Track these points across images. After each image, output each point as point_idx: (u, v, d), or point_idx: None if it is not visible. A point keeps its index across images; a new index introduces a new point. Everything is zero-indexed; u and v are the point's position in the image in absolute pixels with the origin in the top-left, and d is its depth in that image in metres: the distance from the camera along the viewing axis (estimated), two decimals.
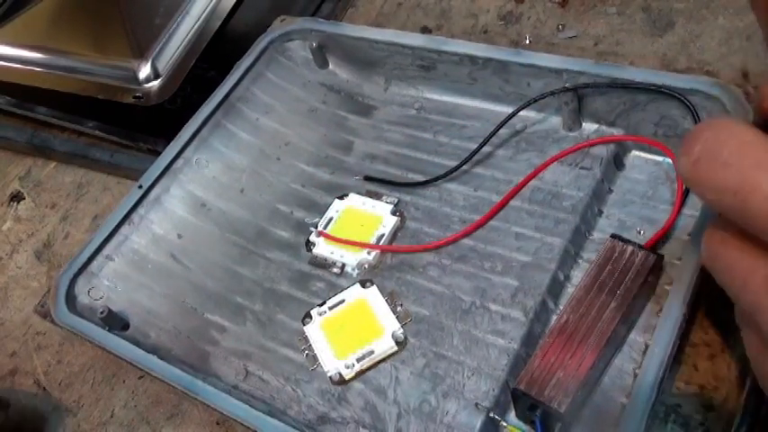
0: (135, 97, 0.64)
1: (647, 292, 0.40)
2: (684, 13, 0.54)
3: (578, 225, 0.45)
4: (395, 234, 0.49)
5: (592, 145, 0.47)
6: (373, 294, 0.46)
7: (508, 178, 0.49)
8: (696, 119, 0.43)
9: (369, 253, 0.48)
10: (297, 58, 0.61)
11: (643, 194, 0.45)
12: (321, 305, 0.47)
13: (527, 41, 0.58)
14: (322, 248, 0.49)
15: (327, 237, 0.50)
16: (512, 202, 0.47)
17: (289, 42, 0.61)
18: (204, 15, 0.67)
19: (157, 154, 0.55)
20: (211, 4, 0.68)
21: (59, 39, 0.71)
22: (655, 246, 0.42)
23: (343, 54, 0.59)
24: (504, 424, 0.39)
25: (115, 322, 0.48)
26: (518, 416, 0.39)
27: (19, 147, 0.68)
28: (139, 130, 0.62)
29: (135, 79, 0.64)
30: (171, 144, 0.55)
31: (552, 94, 0.48)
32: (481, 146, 0.49)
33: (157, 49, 0.65)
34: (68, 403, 0.49)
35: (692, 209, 0.43)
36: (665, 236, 0.42)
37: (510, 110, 0.49)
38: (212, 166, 0.56)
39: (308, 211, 0.53)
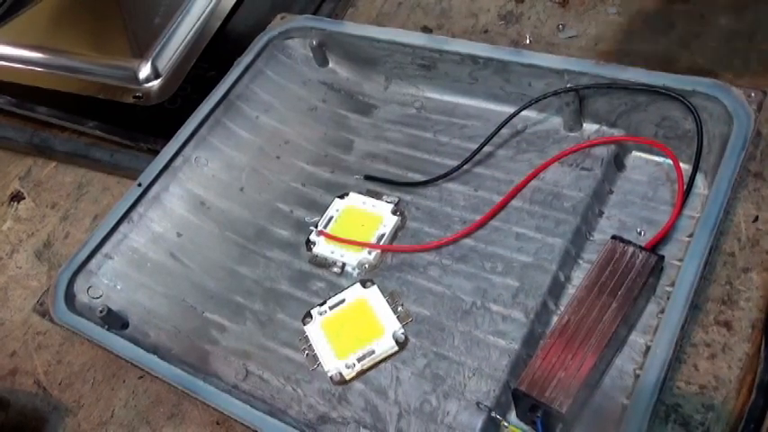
0: (135, 97, 0.64)
1: (647, 293, 0.40)
2: (684, 13, 0.54)
3: (579, 226, 0.45)
4: (395, 234, 0.49)
5: (592, 145, 0.47)
6: (374, 294, 0.46)
7: (509, 178, 0.49)
8: (697, 120, 0.43)
9: (369, 252, 0.48)
10: (297, 56, 0.61)
11: (644, 195, 0.45)
12: (321, 305, 0.46)
13: (527, 41, 0.58)
14: (322, 248, 0.49)
15: (328, 236, 0.50)
16: (512, 203, 0.47)
17: (288, 40, 0.60)
18: (204, 15, 0.67)
19: (157, 153, 0.55)
20: (211, 4, 0.68)
21: (60, 39, 0.71)
22: (655, 247, 0.42)
23: (344, 52, 0.59)
24: (506, 424, 0.39)
25: (114, 321, 0.48)
26: (519, 416, 0.38)
27: (19, 147, 0.68)
28: (139, 129, 0.62)
29: (135, 79, 0.64)
30: (170, 142, 0.55)
31: (554, 94, 0.48)
32: (482, 146, 0.49)
33: (157, 49, 0.65)
34: (68, 403, 0.49)
35: (693, 210, 0.43)
36: (665, 237, 0.42)
37: (511, 110, 0.49)
38: (212, 165, 0.56)
39: (309, 210, 0.53)
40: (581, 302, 0.38)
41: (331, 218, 0.51)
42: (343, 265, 0.48)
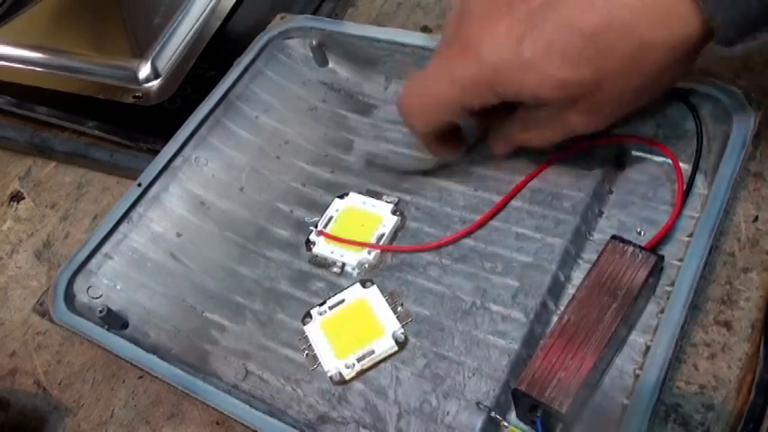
0: (135, 97, 0.64)
1: (647, 293, 0.40)
2: None
3: (579, 226, 0.45)
4: (395, 234, 0.49)
5: (592, 145, 0.47)
6: (374, 294, 0.46)
7: (509, 178, 0.48)
8: (697, 120, 0.43)
9: (369, 252, 0.48)
10: (296, 56, 0.61)
11: (643, 195, 0.45)
12: (321, 305, 0.47)
13: None
14: (322, 248, 0.49)
15: (327, 236, 0.49)
16: (512, 203, 0.47)
17: (288, 40, 0.61)
18: (204, 15, 0.68)
19: (157, 153, 0.55)
20: (211, 4, 0.68)
21: (59, 39, 0.72)
22: (655, 247, 0.42)
23: (344, 52, 0.59)
24: (506, 424, 0.39)
25: (114, 321, 0.48)
26: (519, 416, 0.39)
27: (19, 147, 0.68)
28: (139, 129, 0.62)
29: (135, 79, 0.65)
30: (170, 142, 0.55)
31: None
32: (477, 141, 0.49)
33: (157, 49, 0.65)
34: (68, 403, 0.49)
35: (693, 210, 0.43)
36: (665, 237, 0.42)
37: None
38: (211, 165, 0.56)
39: (308, 210, 0.53)
40: (581, 302, 0.38)
41: (331, 218, 0.51)
42: (343, 265, 0.48)
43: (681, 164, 0.44)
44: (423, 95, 0.43)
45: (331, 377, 0.43)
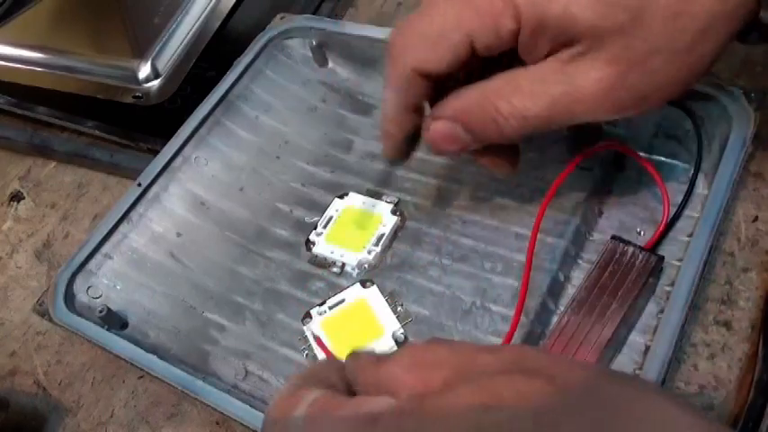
0: (135, 97, 0.63)
1: (647, 293, 0.40)
2: None
3: (579, 226, 0.45)
4: (395, 234, 0.49)
5: (595, 152, 0.46)
6: (373, 294, 0.46)
7: (509, 178, 0.48)
8: (694, 121, 0.43)
9: (369, 252, 0.48)
10: (296, 56, 0.61)
11: (644, 195, 0.45)
12: (321, 305, 0.47)
13: None
14: (322, 248, 0.49)
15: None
16: (511, 203, 0.47)
17: (288, 40, 0.60)
18: (204, 15, 0.67)
19: (157, 153, 0.55)
20: (211, 4, 0.68)
21: (59, 38, 0.71)
22: (655, 246, 0.42)
23: (343, 52, 0.59)
24: None
25: (114, 321, 0.48)
26: None
27: (19, 147, 0.68)
28: (139, 129, 0.62)
29: (135, 79, 0.64)
30: (170, 142, 0.55)
31: None
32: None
33: (157, 49, 0.65)
34: (68, 403, 0.49)
35: (693, 210, 0.43)
36: (665, 237, 0.42)
37: None
38: (211, 165, 0.56)
39: (308, 210, 0.53)
40: (581, 303, 0.38)
41: (331, 218, 0.51)
42: (343, 265, 0.48)
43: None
44: (422, 27, 0.37)
45: None
